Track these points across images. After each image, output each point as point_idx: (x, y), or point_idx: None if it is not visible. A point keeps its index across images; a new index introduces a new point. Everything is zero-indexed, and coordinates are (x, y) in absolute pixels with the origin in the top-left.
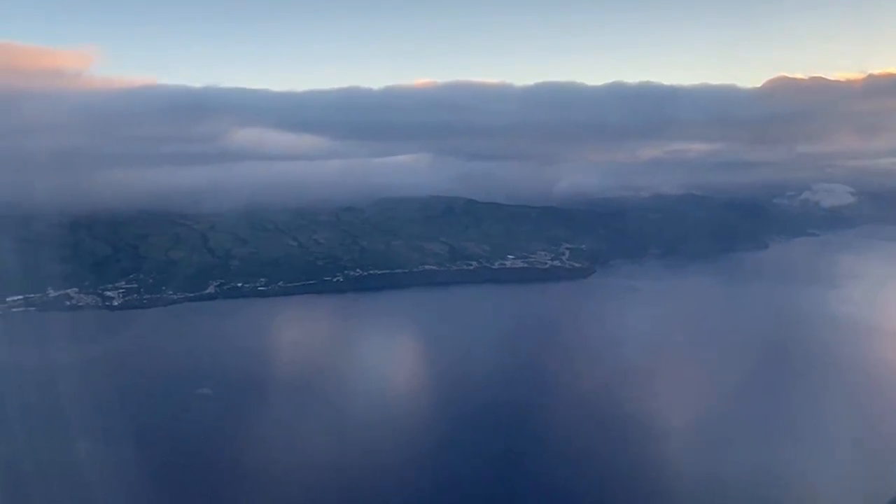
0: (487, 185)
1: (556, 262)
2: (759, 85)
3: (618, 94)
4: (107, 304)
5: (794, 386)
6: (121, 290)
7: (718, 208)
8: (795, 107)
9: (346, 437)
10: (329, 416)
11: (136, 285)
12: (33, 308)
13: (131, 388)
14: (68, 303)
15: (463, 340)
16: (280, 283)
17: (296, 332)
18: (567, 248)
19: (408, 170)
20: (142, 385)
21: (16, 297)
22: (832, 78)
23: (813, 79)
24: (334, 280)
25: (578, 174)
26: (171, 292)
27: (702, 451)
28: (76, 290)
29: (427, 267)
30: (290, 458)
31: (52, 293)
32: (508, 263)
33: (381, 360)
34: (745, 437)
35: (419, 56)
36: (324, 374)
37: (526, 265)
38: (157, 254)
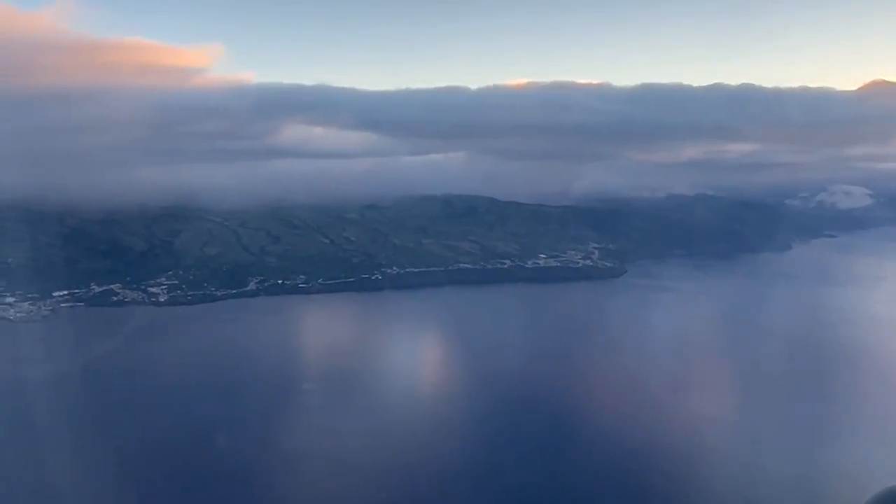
0: (507, 184)
1: (588, 262)
2: (854, 88)
3: (720, 96)
4: (152, 299)
5: (865, 384)
6: (163, 286)
7: (733, 209)
8: (890, 110)
9: (461, 424)
10: (435, 407)
11: (176, 281)
12: (81, 303)
13: (243, 384)
14: (114, 298)
15: (529, 340)
16: (320, 281)
17: (358, 329)
18: (595, 248)
19: (433, 168)
20: (251, 381)
21: (61, 293)
22: None
23: None
24: (373, 278)
25: (597, 173)
26: (212, 289)
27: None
28: (119, 285)
29: (462, 265)
30: (423, 445)
31: (95, 288)
32: (542, 262)
33: (456, 358)
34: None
35: (520, 57)
36: (408, 370)
37: (559, 264)
38: (192, 250)
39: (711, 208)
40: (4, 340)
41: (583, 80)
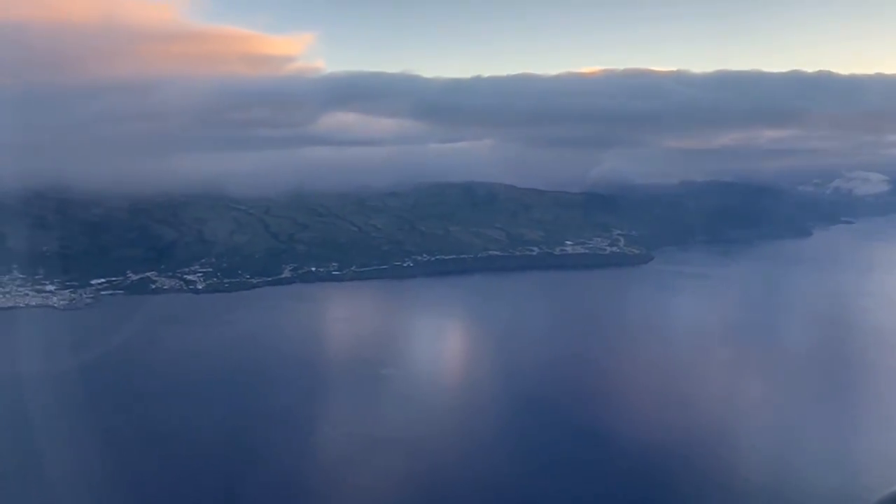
0: (526, 171)
1: (615, 249)
2: None
3: (797, 83)
4: (190, 287)
5: None
6: (199, 274)
7: (748, 195)
8: None
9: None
10: (514, 388)
11: (210, 269)
12: (120, 291)
13: (322, 369)
14: (152, 286)
15: (585, 326)
16: (353, 268)
17: (408, 315)
18: (620, 235)
19: (453, 156)
20: (329, 367)
21: (99, 281)
22: None
23: None
24: (404, 265)
25: (613, 160)
26: (248, 276)
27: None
28: (154, 273)
29: (491, 252)
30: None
31: (132, 276)
32: (569, 249)
33: (518, 343)
34: None
35: (593, 46)
36: (473, 353)
37: (587, 251)
38: (221, 237)
39: (726, 195)
40: (57, 329)
41: (658, 68)
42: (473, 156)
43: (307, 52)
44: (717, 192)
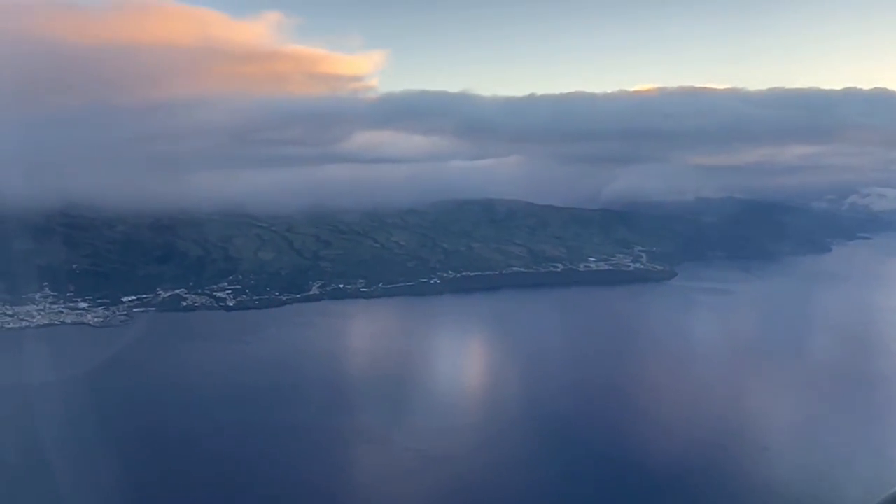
0: (543, 188)
1: (638, 265)
2: None
3: (852, 100)
4: (221, 304)
5: None
6: (228, 291)
7: (763, 211)
8: None
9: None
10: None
11: (239, 286)
12: (152, 309)
13: (373, 385)
14: (183, 303)
15: (628, 342)
16: (380, 285)
17: (447, 331)
18: (641, 251)
19: (472, 173)
20: (379, 383)
21: (130, 298)
22: None
23: None
24: (431, 282)
25: (630, 177)
26: (276, 293)
27: None
28: (184, 290)
29: (515, 269)
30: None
31: (162, 294)
32: (593, 266)
33: (557, 359)
34: None
35: (647, 64)
36: (518, 369)
37: (611, 267)
38: (247, 255)
39: (743, 211)
40: (100, 346)
41: (714, 85)
42: (493, 173)
43: (376, 71)
44: (734, 208)
